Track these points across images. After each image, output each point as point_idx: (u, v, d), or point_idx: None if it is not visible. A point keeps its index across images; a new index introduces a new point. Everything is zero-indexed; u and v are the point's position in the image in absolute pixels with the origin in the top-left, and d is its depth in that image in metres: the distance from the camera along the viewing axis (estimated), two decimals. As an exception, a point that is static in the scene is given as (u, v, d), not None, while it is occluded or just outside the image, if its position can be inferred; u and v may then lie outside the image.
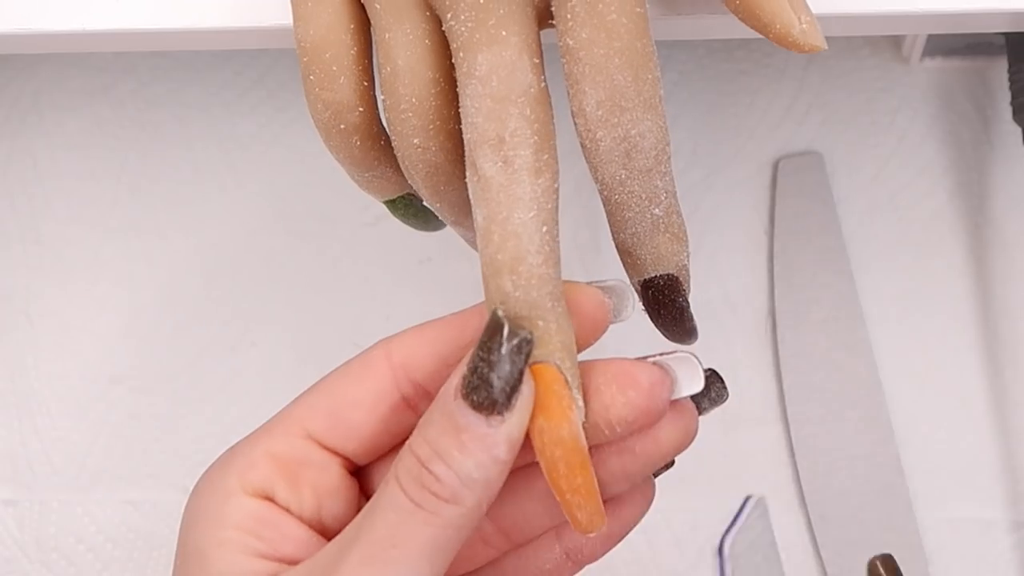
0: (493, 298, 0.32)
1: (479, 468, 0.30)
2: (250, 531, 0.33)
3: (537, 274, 0.32)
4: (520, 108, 0.32)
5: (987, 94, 0.56)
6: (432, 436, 0.31)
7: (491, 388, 0.30)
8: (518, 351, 0.30)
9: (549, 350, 0.31)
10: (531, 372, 0.31)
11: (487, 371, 0.30)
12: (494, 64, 0.32)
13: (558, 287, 0.32)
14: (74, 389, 0.55)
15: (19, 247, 0.57)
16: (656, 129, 0.33)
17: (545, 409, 0.31)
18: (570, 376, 0.32)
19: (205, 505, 0.33)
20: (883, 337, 0.53)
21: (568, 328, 0.32)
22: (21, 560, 0.54)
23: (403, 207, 0.39)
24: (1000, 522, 0.52)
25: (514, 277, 0.31)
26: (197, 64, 0.58)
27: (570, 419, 0.31)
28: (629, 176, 0.33)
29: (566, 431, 0.31)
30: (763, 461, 0.53)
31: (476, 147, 0.32)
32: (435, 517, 0.30)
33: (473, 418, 0.30)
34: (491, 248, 0.32)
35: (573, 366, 0.32)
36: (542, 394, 0.31)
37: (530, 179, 0.32)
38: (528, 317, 0.31)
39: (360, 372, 0.34)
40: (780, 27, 0.33)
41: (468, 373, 0.30)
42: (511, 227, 0.32)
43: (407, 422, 0.34)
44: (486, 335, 0.30)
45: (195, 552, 0.33)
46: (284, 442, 0.34)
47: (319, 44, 0.35)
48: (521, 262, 0.31)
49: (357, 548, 0.30)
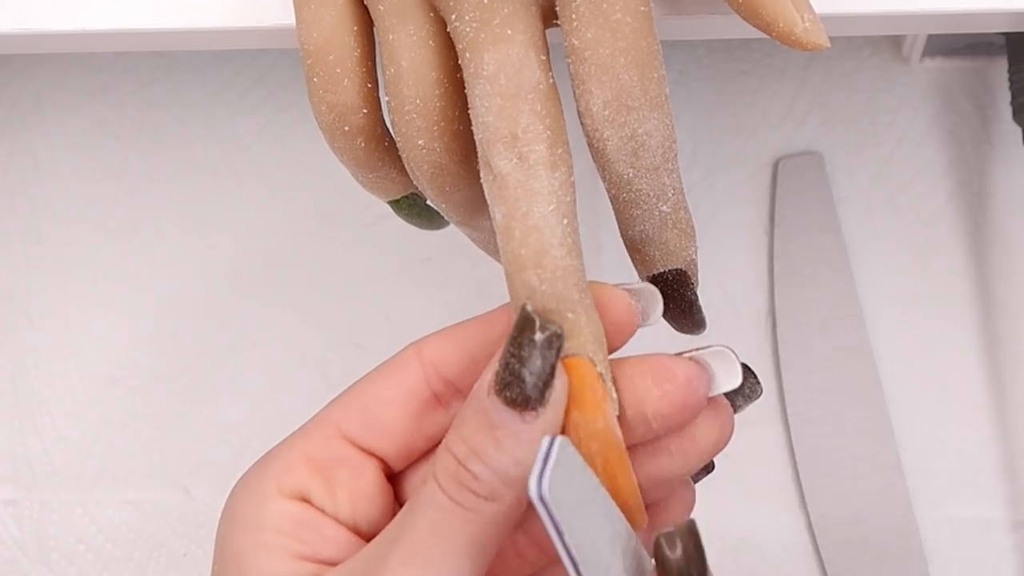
0: (519, 294, 0.32)
1: (516, 465, 0.30)
2: (289, 533, 0.33)
3: (562, 266, 0.31)
4: (531, 104, 0.32)
5: (987, 94, 0.56)
6: (468, 434, 0.30)
7: (523, 384, 0.30)
8: (548, 346, 0.30)
9: (580, 342, 0.31)
10: (563, 366, 0.31)
11: (519, 367, 0.30)
12: (501, 62, 0.32)
13: (583, 279, 0.32)
14: (74, 389, 0.55)
15: (19, 247, 0.57)
16: (663, 127, 0.33)
17: (580, 402, 0.31)
18: (602, 368, 0.31)
19: (243, 509, 0.34)
20: (883, 337, 0.53)
21: (597, 320, 0.32)
22: (21, 560, 0.54)
23: (407, 207, 0.39)
24: (1000, 522, 0.52)
25: (539, 271, 0.31)
26: (197, 64, 0.58)
27: (605, 411, 0.31)
28: (636, 174, 0.34)
29: (601, 423, 0.31)
30: (763, 461, 0.53)
31: (489, 145, 0.32)
32: (475, 515, 0.30)
33: (507, 415, 0.30)
34: (513, 244, 0.32)
35: (604, 358, 0.32)
36: (575, 387, 0.31)
37: (547, 173, 0.32)
38: (557, 310, 0.31)
39: (391, 371, 0.34)
40: (783, 25, 0.33)
41: (500, 369, 0.30)
42: (532, 221, 0.32)
43: (439, 420, 0.34)
44: (516, 331, 0.30)
45: (233, 556, 0.33)
46: (319, 443, 0.34)
47: (323, 47, 0.35)
48: (545, 255, 0.31)
49: (399, 547, 0.30)
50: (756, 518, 0.52)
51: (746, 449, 0.53)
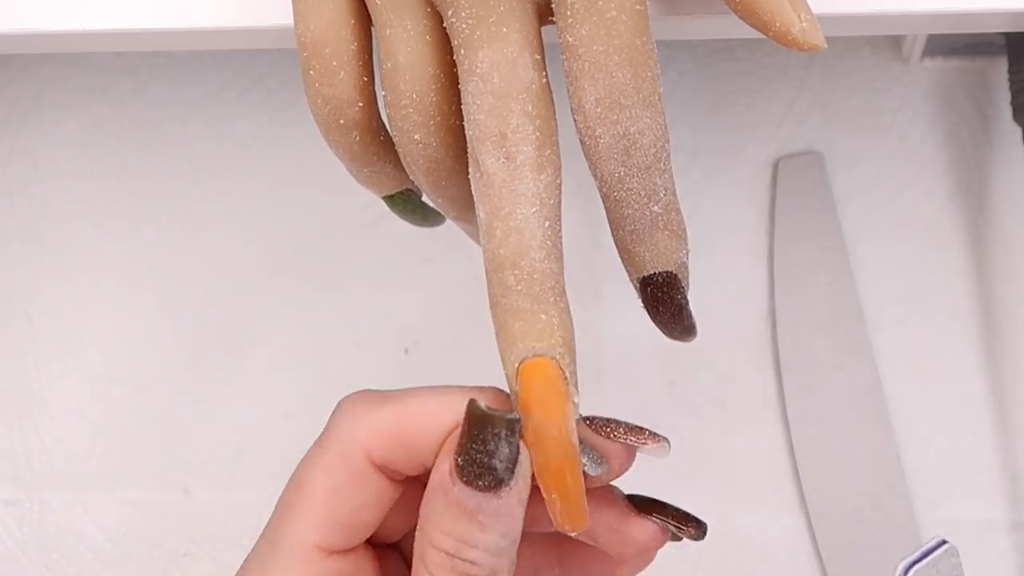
0: (496, 291, 0.32)
1: (505, 536, 0.31)
2: None
3: (540, 269, 0.32)
4: (522, 104, 0.32)
5: (987, 94, 0.56)
6: (448, 527, 0.31)
7: (495, 471, 0.30)
8: (511, 433, 0.30)
9: (550, 344, 0.32)
10: (529, 369, 0.31)
11: (487, 459, 0.30)
12: (495, 61, 0.33)
13: (560, 282, 0.32)
14: (74, 389, 0.55)
15: (19, 247, 0.57)
16: (655, 126, 0.33)
17: (542, 405, 0.31)
18: (568, 372, 0.32)
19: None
20: (883, 337, 0.53)
21: (569, 323, 0.32)
22: (21, 560, 0.54)
23: (402, 203, 0.39)
24: (1000, 522, 0.52)
25: (516, 272, 0.32)
26: (197, 64, 0.58)
27: (565, 413, 0.31)
28: (628, 173, 0.33)
29: (559, 425, 0.31)
30: (763, 461, 0.53)
31: (478, 143, 0.33)
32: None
33: (482, 499, 0.30)
34: (493, 243, 0.32)
35: (572, 362, 0.32)
36: (540, 389, 0.31)
37: (532, 175, 0.32)
38: (530, 310, 0.32)
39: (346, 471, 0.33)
40: (780, 25, 0.33)
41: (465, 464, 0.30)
42: (513, 223, 0.32)
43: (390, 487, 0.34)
44: (474, 428, 0.30)
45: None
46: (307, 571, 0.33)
47: (319, 39, 0.35)
48: (524, 257, 0.32)
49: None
50: (756, 518, 0.52)
51: (746, 449, 0.53)
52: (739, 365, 0.54)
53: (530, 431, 0.31)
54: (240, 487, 0.54)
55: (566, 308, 0.32)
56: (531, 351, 0.31)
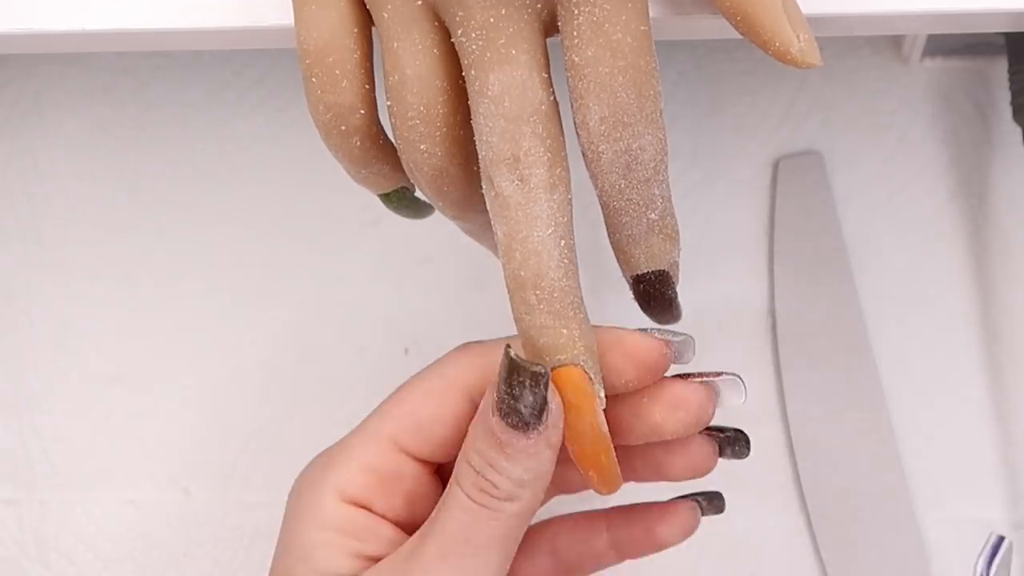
0: (519, 309, 0.34)
1: (528, 471, 0.34)
2: (350, 534, 0.37)
3: (559, 287, 0.34)
4: (532, 127, 0.34)
5: (987, 94, 0.56)
6: (481, 448, 0.34)
7: (520, 415, 0.33)
8: (536, 383, 0.33)
9: (574, 354, 0.34)
10: (558, 377, 0.34)
11: (514, 403, 0.33)
12: (506, 84, 0.34)
13: (578, 296, 0.34)
14: (74, 389, 0.55)
15: (19, 247, 0.57)
16: (656, 142, 0.34)
17: (574, 407, 0.34)
18: (592, 374, 0.34)
19: (307, 507, 0.37)
20: (883, 337, 0.53)
21: (589, 332, 0.35)
22: (21, 560, 0.54)
23: (396, 199, 0.40)
24: (1000, 522, 0.52)
25: (537, 292, 0.34)
26: (197, 64, 0.58)
27: (594, 410, 0.34)
28: (628, 185, 0.35)
29: (591, 424, 0.34)
30: (763, 461, 0.53)
31: (492, 165, 0.34)
32: (499, 514, 0.34)
33: (512, 434, 0.33)
34: (513, 264, 0.34)
35: (595, 365, 0.34)
36: (570, 393, 0.34)
37: (546, 196, 0.34)
38: (552, 326, 0.34)
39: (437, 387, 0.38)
40: (780, 44, 0.34)
41: (499, 401, 0.33)
42: (531, 245, 0.34)
43: None
44: (504, 373, 0.33)
45: (299, 547, 0.37)
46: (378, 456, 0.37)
47: (322, 48, 0.35)
48: (543, 277, 0.34)
49: (433, 544, 0.35)
50: (756, 518, 0.52)
51: (746, 449, 0.53)
52: (739, 365, 0.54)
53: (567, 430, 0.34)
54: (240, 487, 0.54)
55: (585, 318, 0.35)
56: (557, 363, 0.34)
